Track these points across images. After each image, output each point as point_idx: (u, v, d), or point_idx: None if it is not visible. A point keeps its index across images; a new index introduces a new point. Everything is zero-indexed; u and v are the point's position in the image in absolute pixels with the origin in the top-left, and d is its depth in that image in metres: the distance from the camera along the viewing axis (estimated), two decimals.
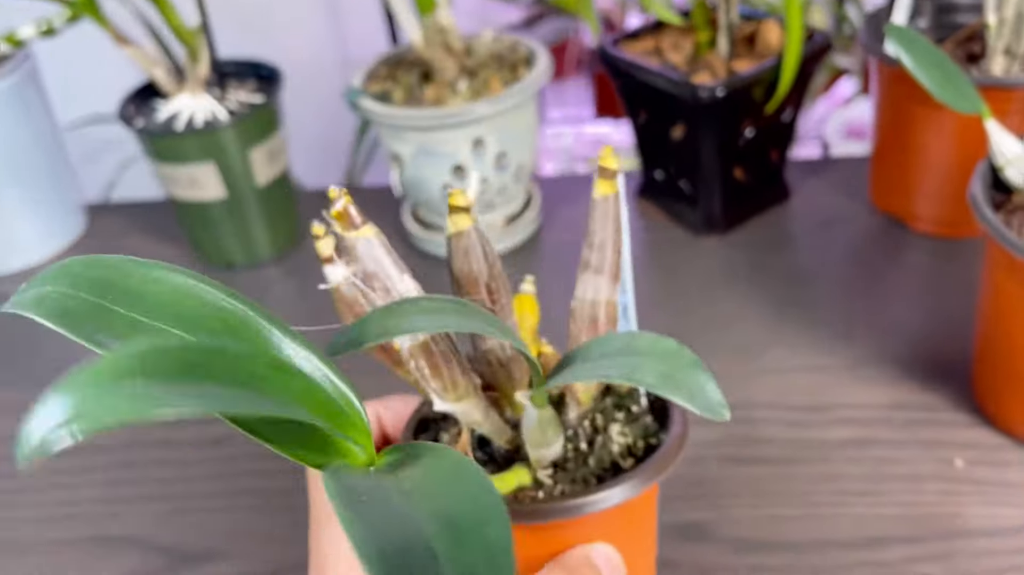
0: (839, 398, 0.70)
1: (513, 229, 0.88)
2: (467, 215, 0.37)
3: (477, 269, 0.39)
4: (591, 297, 0.42)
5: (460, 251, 0.39)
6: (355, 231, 0.37)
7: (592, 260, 0.41)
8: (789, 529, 0.62)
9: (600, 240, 0.41)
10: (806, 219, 0.89)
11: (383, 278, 0.38)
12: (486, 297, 0.40)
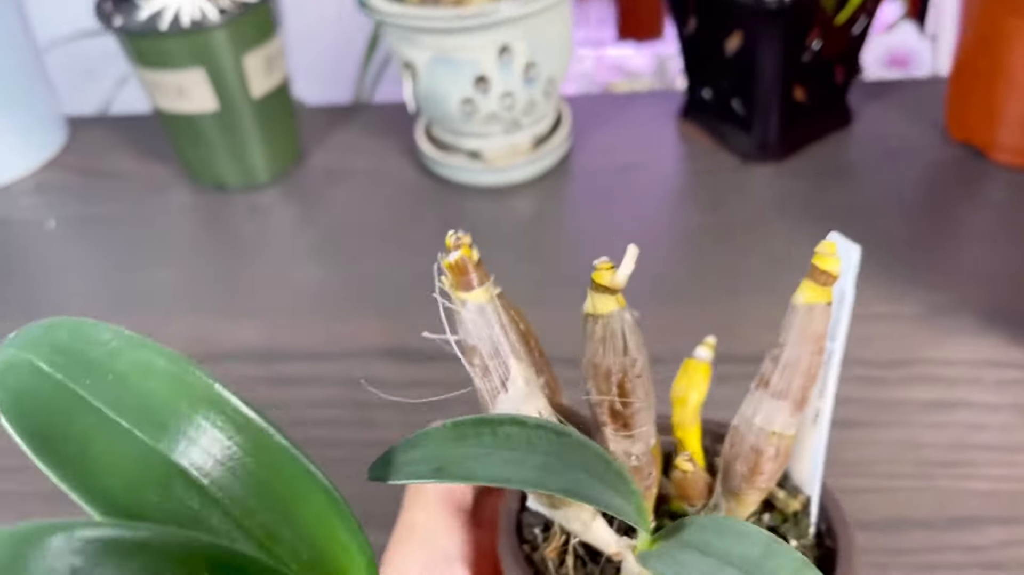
0: (918, 352, 0.61)
1: (541, 152, 0.78)
2: (612, 297, 0.29)
3: (611, 363, 0.30)
4: (760, 424, 0.32)
5: (595, 337, 0.30)
6: (467, 293, 0.29)
7: (773, 379, 0.31)
8: (861, 504, 0.53)
9: (791, 359, 0.31)
10: (871, 147, 0.79)
11: (485, 357, 0.30)
12: (616, 397, 0.31)
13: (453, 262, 0.29)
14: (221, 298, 0.71)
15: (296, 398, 0.63)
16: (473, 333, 0.29)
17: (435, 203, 0.78)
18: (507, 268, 0.72)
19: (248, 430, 0.26)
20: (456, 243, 0.29)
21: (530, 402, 0.30)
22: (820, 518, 0.38)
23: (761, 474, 0.33)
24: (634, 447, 0.32)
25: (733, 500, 0.34)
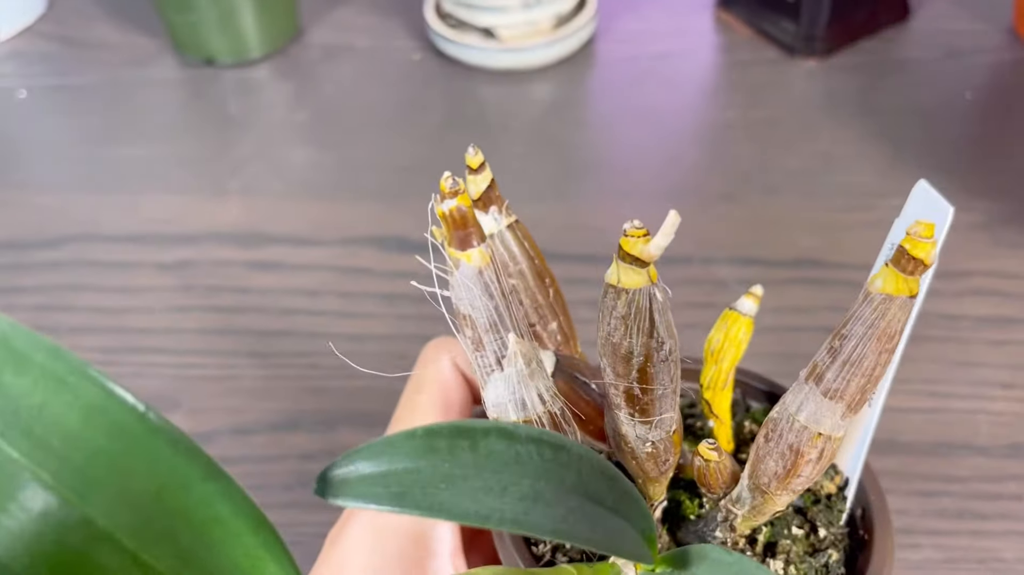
0: (974, 264, 0.55)
1: (563, 33, 0.70)
2: (643, 270, 0.23)
3: (633, 344, 0.24)
4: (804, 421, 0.25)
5: (616, 313, 0.23)
6: (461, 252, 0.23)
7: (828, 376, 0.24)
8: (909, 425, 0.47)
9: (854, 356, 0.24)
10: (929, 45, 0.71)
11: (479, 329, 0.24)
12: (635, 383, 0.24)
13: (448, 213, 0.23)
14: (201, 177, 0.65)
15: (276, 285, 0.56)
16: (466, 300, 0.23)
17: (442, 86, 0.71)
18: (519, 158, 0.66)
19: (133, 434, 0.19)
20: (453, 188, 0.22)
21: (529, 384, 0.24)
22: (856, 502, 0.32)
23: (798, 477, 0.27)
24: (651, 434, 0.26)
25: (760, 497, 0.27)
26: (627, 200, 0.61)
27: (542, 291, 0.30)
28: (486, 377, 0.24)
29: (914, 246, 0.22)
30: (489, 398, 0.25)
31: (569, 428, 0.25)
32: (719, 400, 0.32)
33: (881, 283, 0.23)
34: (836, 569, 0.30)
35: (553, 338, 0.31)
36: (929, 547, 0.42)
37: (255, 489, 0.47)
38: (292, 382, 0.51)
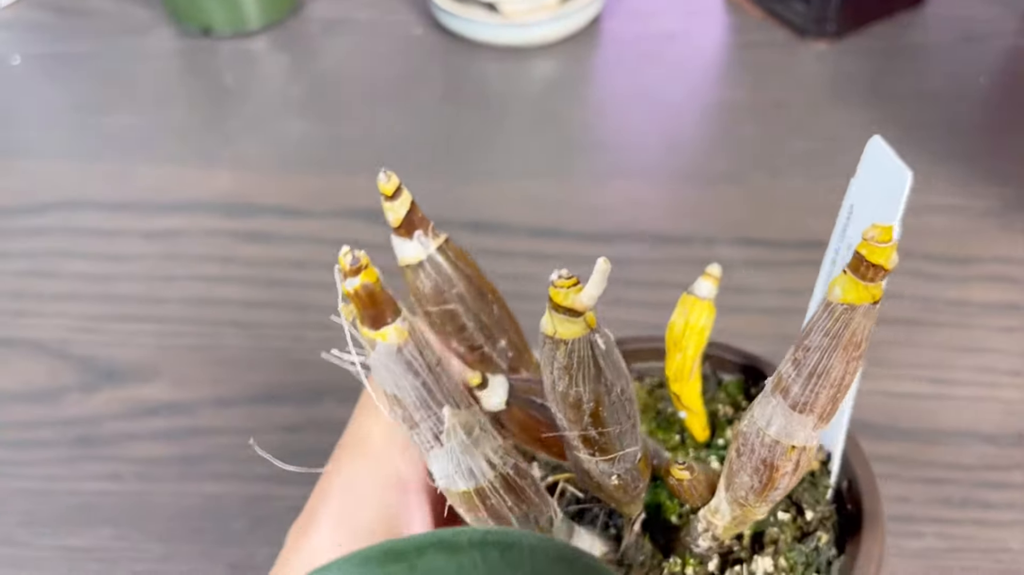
0: (984, 250, 0.53)
1: (567, 9, 0.68)
2: (578, 319, 0.21)
3: (580, 392, 0.22)
4: (775, 436, 0.24)
5: (557, 364, 0.21)
6: (375, 331, 0.21)
7: (794, 390, 0.23)
8: (914, 411, 0.45)
9: (820, 368, 0.22)
10: (944, 30, 0.69)
11: (410, 407, 0.22)
12: (590, 428, 0.23)
13: (355, 292, 0.20)
14: (193, 146, 0.63)
15: (265, 255, 0.55)
16: (389, 380, 0.21)
17: (443, 61, 0.69)
18: (520, 134, 0.64)
19: None
20: (354, 265, 0.20)
21: (475, 453, 0.22)
22: (841, 475, 0.30)
23: (775, 489, 0.25)
24: (615, 468, 0.24)
25: (739, 509, 0.26)
26: (629, 179, 0.59)
27: (485, 310, 0.28)
28: (427, 453, 0.22)
29: (871, 252, 0.20)
30: (435, 472, 0.23)
31: (526, 481, 0.24)
32: (688, 391, 0.30)
33: (840, 292, 0.21)
34: (827, 552, 0.28)
35: (504, 355, 0.29)
36: (932, 535, 0.40)
37: (237, 461, 0.45)
38: (277, 354, 0.50)
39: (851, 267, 0.21)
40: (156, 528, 0.43)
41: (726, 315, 0.49)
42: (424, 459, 0.23)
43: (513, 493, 0.23)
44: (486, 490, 0.23)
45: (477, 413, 0.23)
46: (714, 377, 0.34)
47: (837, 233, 0.29)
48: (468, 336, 0.28)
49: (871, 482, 0.29)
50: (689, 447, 0.31)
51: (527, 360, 0.30)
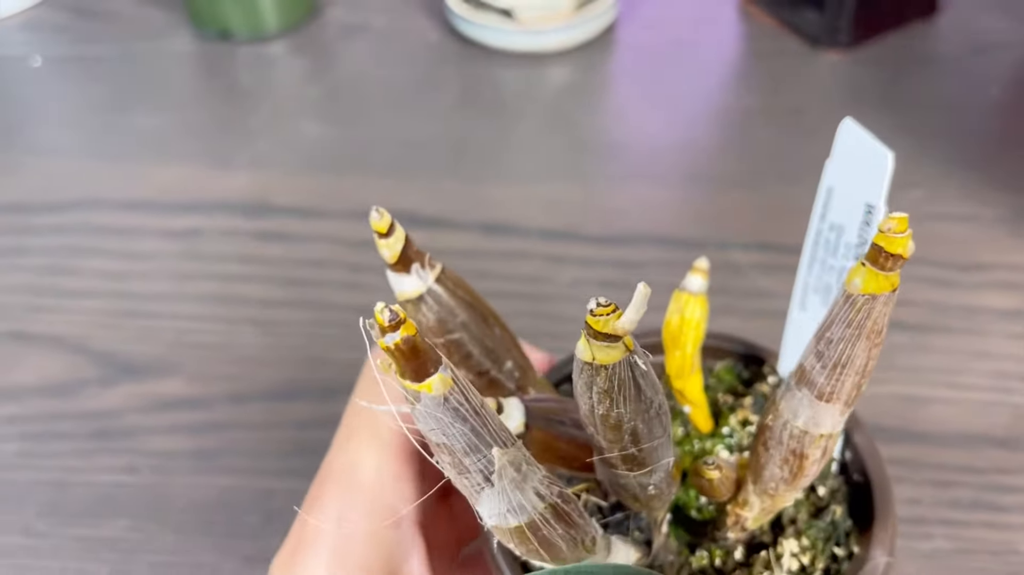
0: (995, 256, 0.53)
1: (583, 16, 0.69)
2: (619, 345, 0.21)
3: (622, 413, 0.22)
4: (803, 426, 0.24)
5: (598, 389, 0.22)
6: (416, 382, 0.20)
7: (820, 381, 0.23)
8: (926, 415, 0.45)
9: (843, 358, 0.23)
10: (956, 41, 0.70)
11: (459, 454, 0.21)
12: (631, 447, 0.23)
13: (395, 347, 0.19)
14: (211, 148, 0.64)
15: (284, 255, 0.55)
16: (438, 431, 0.21)
17: (459, 67, 0.70)
18: (534, 139, 0.65)
19: None
20: (392, 320, 0.19)
21: (524, 488, 0.22)
22: (844, 447, 0.31)
23: (805, 477, 0.26)
24: (651, 479, 0.25)
25: (768, 500, 0.26)
26: (643, 183, 0.59)
27: (489, 335, 0.28)
28: (476, 495, 0.22)
29: (889, 243, 0.21)
30: (484, 512, 0.23)
31: (571, 506, 0.24)
32: (689, 386, 0.31)
33: (861, 283, 0.21)
34: (843, 523, 0.29)
35: (511, 376, 0.29)
36: (941, 537, 0.41)
37: (252, 456, 0.46)
38: (293, 351, 0.50)
39: (869, 258, 0.21)
40: (172, 520, 0.43)
41: (741, 318, 0.50)
42: (472, 501, 0.23)
43: (562, 521, 0.23)
44: (537, 522, 0.23)
45: (521, 447, 0.22)
46: (704, 364, 0.35)
47: (816, 214, 0.29)
48: (475, 363, 0.28)
49: (873, 450, 0.30)
50: (694, 438, 0.32)
51: (532, 378, 0.30)
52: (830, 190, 0.28)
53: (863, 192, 0.26)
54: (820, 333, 0.23)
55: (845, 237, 0.27)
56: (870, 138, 0.26)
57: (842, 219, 0.27)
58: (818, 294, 0.29)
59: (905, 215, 0.20)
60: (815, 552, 0.28)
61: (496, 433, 0.21)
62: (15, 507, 0.44)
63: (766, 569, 0.28)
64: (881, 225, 0.20)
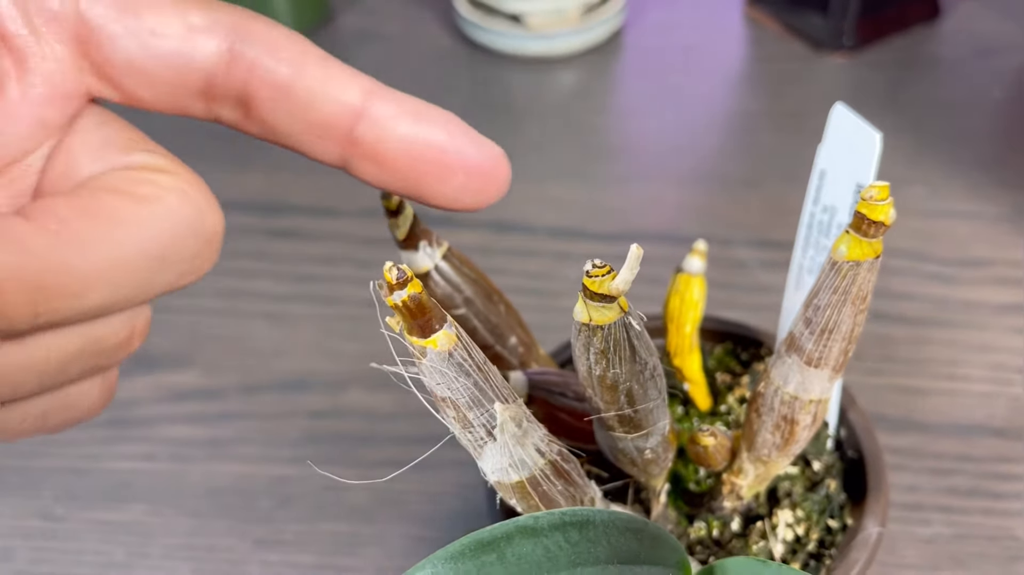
0: (996, 252, 0.54)
1: (590, 21, 0.70)
2: (612, 304, 0.22)
3: (618, 373, 0.23)
4: (794, 392, 0.26)
5: (594, 349, 0.23)
6: (425, 339, 0.21)
7: (808, 347, 0.25)
8: (926, 405, 0.46)
9: (830, 323, 0.24)
10: (959, 44, 0.71)
11: (463, 408, 0.23)
12: (626, 407, 0.24)
13: (402, 303, 0.20)
14: (228, 148, 0.65)
15: (296, 252, 0.57)
16: (442, 384, 0.22)
17: (469, 72, 0.71)
18: (544, 140, 0.66)
19: None
20: (400, 278, 0.20)
21: (525, 443, 0.23)
22: (839, 424, 0.32)
23: (796, 442, 0.27)
24: (648, 442, 0.26)
25: (762, 467, 0.27)
26: (649, 183, 0.61)
27: (494, 311, 0.29)
28: (479, 451, 0.23)
29: (871, 210, 0.22)
30: (487, 467, 0.24)
31: (570, 465, 0.25)
32: (688, 364, 0.32)
33: (846, 250, 0.23)
34: (837, 497, 0.30)
35: (515, 352, 0.31)
36: (940, 523, 0.41)
37: (264, 444, 0.47)
38: (304, 344, 0.51)
39: (853, 226, 0.22)
40: (188, 505, 0.44)
41: (744, 312, 0.51)
42: (475, 456, 0.23)
43: (562, 478, 0.24)
44: (538, 478, 0.24)
45: (522, 405, 0.23)
46: (710, 349, 0.36)
47: (810, 197, 0.30)
48: (480, 338, 0.30)
49: (867, 427, 0.31)
50: (693, 416, 0.33)
51: (535, 354, 0.31)
52: (822, 173, 0.29)
53: (854, 173, 0.27)
54: (808, 300, 0.24)
55: (837, 218, 0.28)
56: (860, 121, 0.27)
57: (834, 200, 0.29)
58: (812, 274, 0.30)
59: (886, 184, 0.22)
60: (809, 523, 0.29)
61: (498, 389, 0.22)
62: (33, 492, 0.45)
63: (762, 538, 0.29)
64: (863, 193, 0.22)
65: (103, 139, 0.20)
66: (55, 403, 0.20)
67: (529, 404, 0.28)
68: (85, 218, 0.17)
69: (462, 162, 0.22)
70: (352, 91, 0.22)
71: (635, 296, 0.25)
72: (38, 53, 0.19)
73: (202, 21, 0.20)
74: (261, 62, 0.20)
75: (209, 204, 0.20)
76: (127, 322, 0.20)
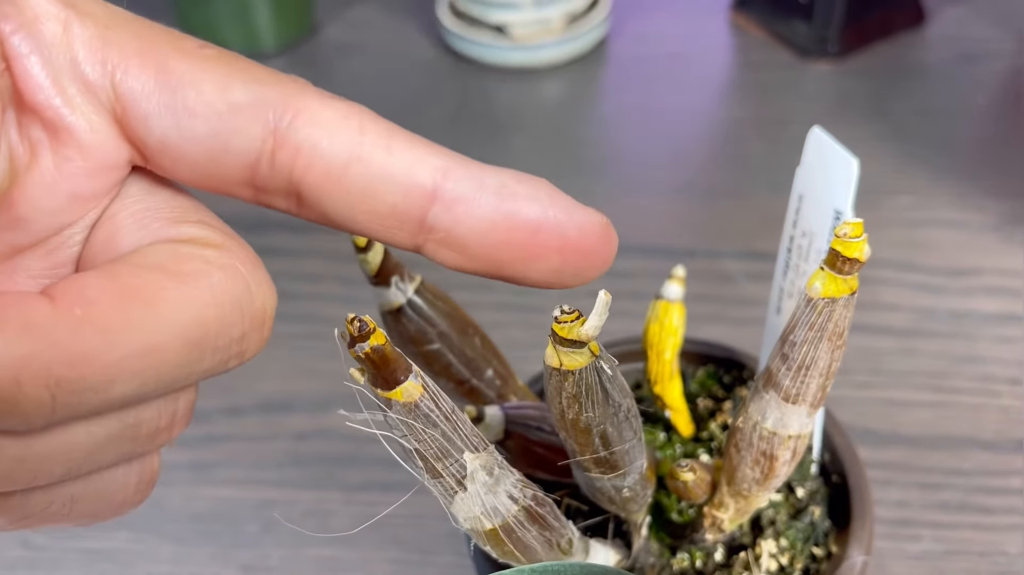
0: (983, 262, 0.54)
1: (574, 31, 0.70)
2: (583, 349, 0.21)
3: (590, 417, 0.23)
4: (772, 427, 0.25)
5: (566, 394, 0.22)
6: (387, 390, 0.21)
7: (785, 383, 0.24)
8: (914, 418, 0.46)
9: (807, 360, 0.24)
10: (944, 50, 0.71)
11: (431, 459, 0.22)
12: (600, 450, 0.24)
13: (366, 356, 0.20)
14: None
15: (279, 269, 0.56)
16: (410, 436, 0.21)
17: (454, 83, 0.71)
18: (528, 153, 0.65)
19: None
20: (363, 331, 0.19)
21: (497, 490, 0.23)
22: (822, 449, 0.32)
23: (776, 477, 0.27)
24: (625, 481, 0.25)
25: (743, 501, 0.27)
26: (635, 194, 0.60)
27: (469, 345, 0.29)
28: (450, 499, 0.23)
29: (846, 247, 0.22)
30: (459, 514, 0.23)
31: (545, 509, 0.24)
32: (669, 391, 0.31)
33: (820, 287, 0.22)
34: (821, 524, 0.29)
35: (491, 385, 0.30)
36: (929, 539, 0.41)
37: (248, 467, 0.47)
38: (288, 364, 0.51)
39: (828, 263, 0.22)
40: (171, 531, 0.44)
41: (732, 326, 0.51)
42: (445, 505, 0.23)
43: (536, 523, 0.24)
44: (511, 525, 0.23)
45: (493, 451, 0.23)
46: (690, 372, 0.35)
47: (789, 221, 0.30)
48: (455, 372, 0.29)
49: (851, 452, 0.30)
50: (676, 443, 0.32)
51: (513, 386, 0.31)
52: (801, 197, 0.29)
53: (832, 199, 0.27)
54: (784, 336, 0.23)
55: (816, 243, 0.28)
56: (837, 146, 0.27)
57: (813, 226, 0.28)
58: (792, 299, 0.30)
59: (860, 220, 0.21)
60: (794, 552, 0.29)
61: (468, 438, 0.22)
62: None
63: (745, 570, 0.29)
64: (837, 230, 0.21)
65: (150, 208, 0.19)
66: (86, 490, 0.18)
67: (506, 439, 0.28)
68: (117, 300, 0.16)
69: (557, 241, 0.19)
70: (422, 172, 0.18)
71: (618, 312, 0.24)
72: (73, 123, 0.17)
73: (245, 98, 0.18)
74: (309, 145, 0.18)
75: (259, 280, 0.18)
76: (168, 406, 0.18)
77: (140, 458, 0.19)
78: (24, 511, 0.17)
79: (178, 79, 0.18)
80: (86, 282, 0.16)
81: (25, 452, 0.16)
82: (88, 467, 0.17)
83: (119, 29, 0.18)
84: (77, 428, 0.16)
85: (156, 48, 0.18)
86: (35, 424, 0.15)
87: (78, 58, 0.17)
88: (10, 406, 0.14)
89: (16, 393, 0.14)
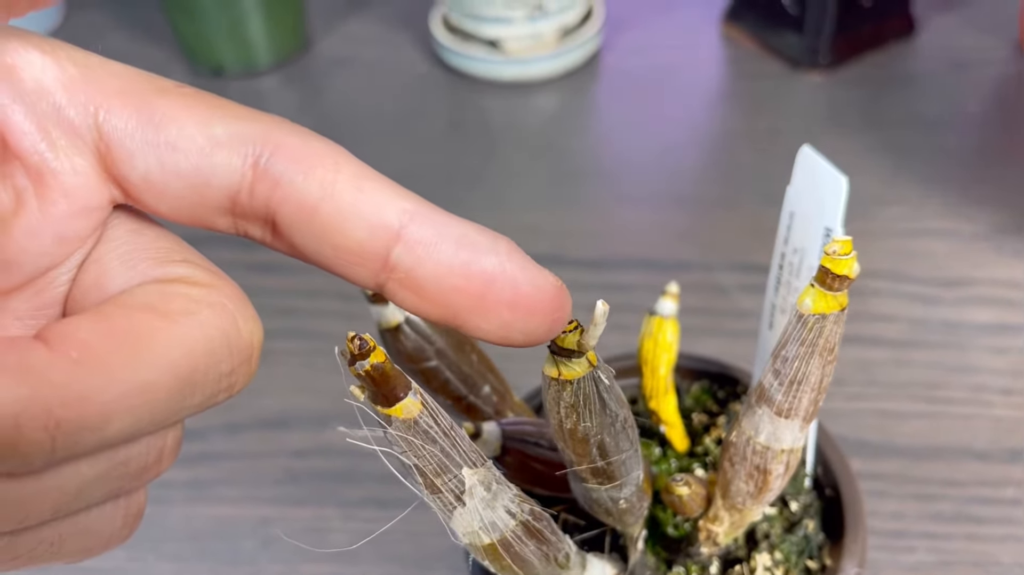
0: (975, 272, 0.54)
1: (568, 44, 0.70)
2: (581, 359, 0.22)
3: (588, 427, 0.23)
4: (765, 442, 0.26)
5: (564, 403, 0.23)
6: (390, 407, 0.21)
7: (778, 399, 0.25)
8: (907, 429, 0.46)
9: (799, 375, 0.24)
10: (935, 58, 0.71)
11: (431, 475, 0.22)
12: (598, 460, 0.24)
13: (366, 374, 0.20)
14: None
15: (279, 286, 0.56)
16: (410, 453, 0.22)
17: (447, 97, 0.71)
18: (522, 166, 0.66)
19: None
20: (363, 348, 0.20)
21: (495, 506, 0.23)
22: (816, 462, 0.32)
23: (770, 491, 0.27)
24: (622, 493, 0.26)
25: (737, 514, 0.28)
26: (628, 207, 0.61)
27: (466, 361, 0.29)
28: (449, 514, 0.23)
29: (835, 264, 0.22)
30: (458, 529, 0.23)
31: (542, 523, 0.24)
32: (664, 406, 0.32)
33: (811, 303, 0.23)
34: (815, 538, 0.30)
35: (488, 401, 0.30)
36: (924, 550, 0.41)
37: (245, 484, 0.47)
38: (287, 381, 0.51)
39: (818, 280, 0.22)
40: (169, 549, 0.44)
41: (726, 339, 0.51)
42: (445, 520, 0.23)
43: (533, 537, 0.24)
44: (509, 539, 0.24)
45: (491, 467, 0.23)
46: (685, 387, 0.36)
47: (780, 238, 0.31)
48: (452, 389, 0.30)
49: (844, 466, 0.31)
50: (671, 457, 0.33)
51: (510, 402, 0.31)
52: (792, 215, 0.29)
53: (822, 216, 0.27)
54: (776, 352, 0.24)
55: (807, 260, 0.29)
56: (826, 164, 0.27)
57: (804, 243, 0.29)
58: (784, 314, 0.30)
59: (849, 238, 0.22)
60: (788, 565, 0.29)
61: (466, 454, 0.22)
62: None
63: None
64: (827, 248, 0.22)
65: (136, 250, 0.19)
66: (74, 529, 0.18)
67: (503, 455, 0.28)
68: (110, 341, 0.16)
69: (510, 295, 0.19)
70: (390, 212, 0.19)
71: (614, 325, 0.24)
72: (57, 168, 0.18)
73: (226, 134, 0.18)
74: (286, 180, 0.19)
75: (246, 316, 0.19)
76: (156, 443, 0.19)
77: (127, 494, 0.19)
78: (12, 552, 0.18)
79: (160, 116, 0.18)
80: (79, 325, 0.16)
81: (20, 493, 0.16)
82: (77, 506, 0.17)
83: (98, 69, 0.18)
84: (67, 468, 0.17)
85: (136, 87, 0.18)
86: (35, 466, 0.15)
87: (60, 102, 0.18)
88: (10, 449, 0.15)
89: (16, 436, 0.15)
